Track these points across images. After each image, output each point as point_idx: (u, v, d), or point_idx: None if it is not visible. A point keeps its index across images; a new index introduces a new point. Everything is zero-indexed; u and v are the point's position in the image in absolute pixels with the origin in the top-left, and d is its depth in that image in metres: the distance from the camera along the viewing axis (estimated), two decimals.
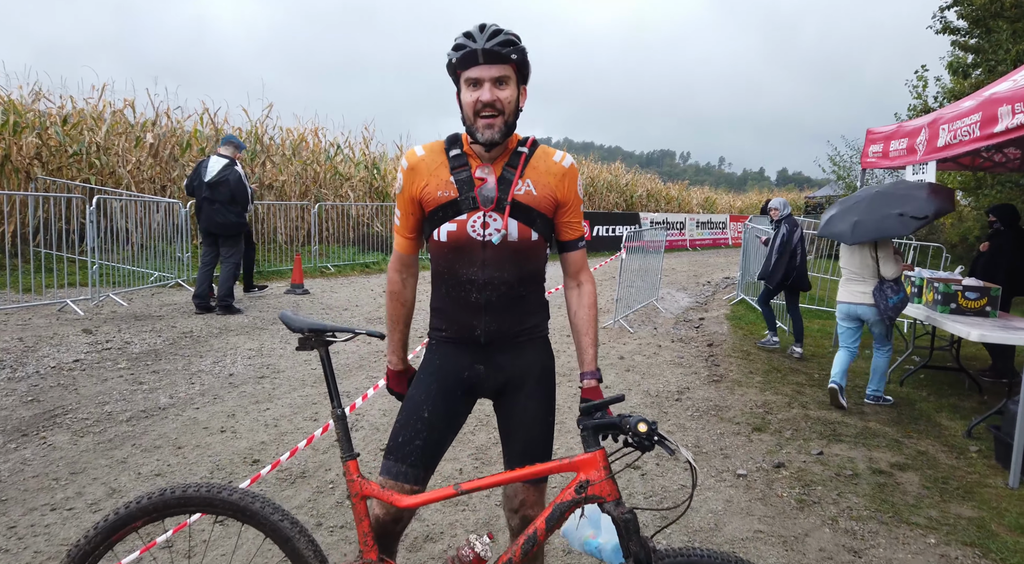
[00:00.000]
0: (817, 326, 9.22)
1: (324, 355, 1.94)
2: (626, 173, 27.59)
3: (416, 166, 2.08)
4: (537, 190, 2.04)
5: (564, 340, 7.53)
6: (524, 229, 2.03)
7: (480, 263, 2.02)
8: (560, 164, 2.11)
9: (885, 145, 7.11)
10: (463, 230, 2.01)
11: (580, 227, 2.19)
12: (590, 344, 2.09)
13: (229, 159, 7.46)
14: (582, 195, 2.21)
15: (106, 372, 5.23)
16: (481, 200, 2.00)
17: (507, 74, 1.93)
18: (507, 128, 1.98)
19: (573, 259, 2.19)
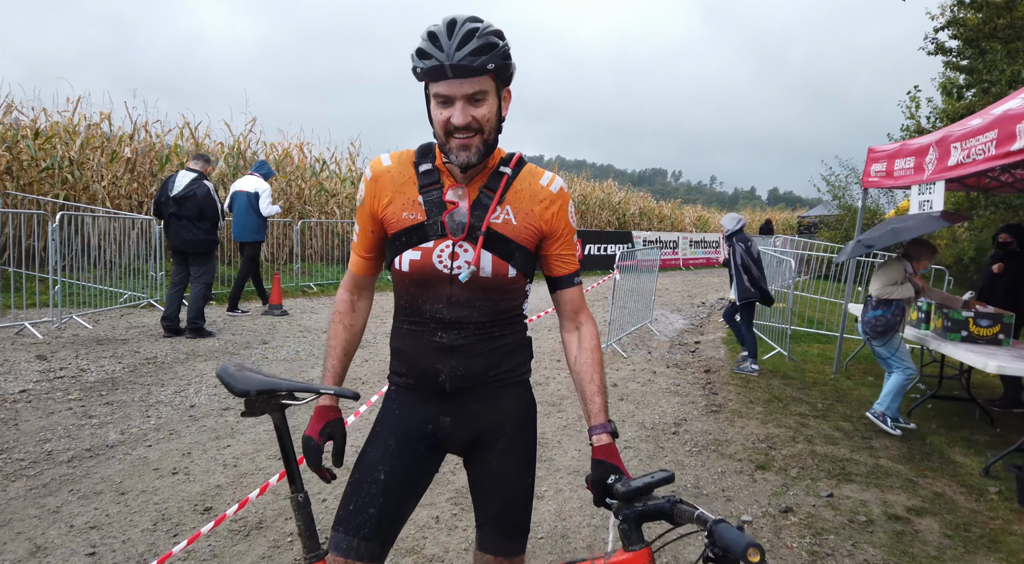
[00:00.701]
0: (817, 351, 8.88)
1: (279, 423, 1.56)
2: (618, 191, 27.40)
3: (380, 178, 1.78)
4: (518, 219, 1.73)
5: (555, 366, 7.16)
6: (499, 264, 1.72)
7: (446, 300, 1.72)
8: (547, 189, 1.79)
9: (888, 164, 6.82)
10: (428, 260, 1.71)
11: (574, 260, 1.85)
12: (596, 391, 1.74)
13: (198, 173, 7.08)
14: (575, 223, 1.87)
15: (54, 404, 4.81)
16: (450, 227, 1.70)
17: (484, 88, 1.59)
18: (487, 147, 1.66)
19: (568, 298, 1.86)
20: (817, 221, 27.40)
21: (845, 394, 6.66)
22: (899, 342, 5.53)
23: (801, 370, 7.65)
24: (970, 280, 16.33)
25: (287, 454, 1.55)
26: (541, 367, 7.13)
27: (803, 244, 15.02)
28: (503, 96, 1.70)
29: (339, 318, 1.86)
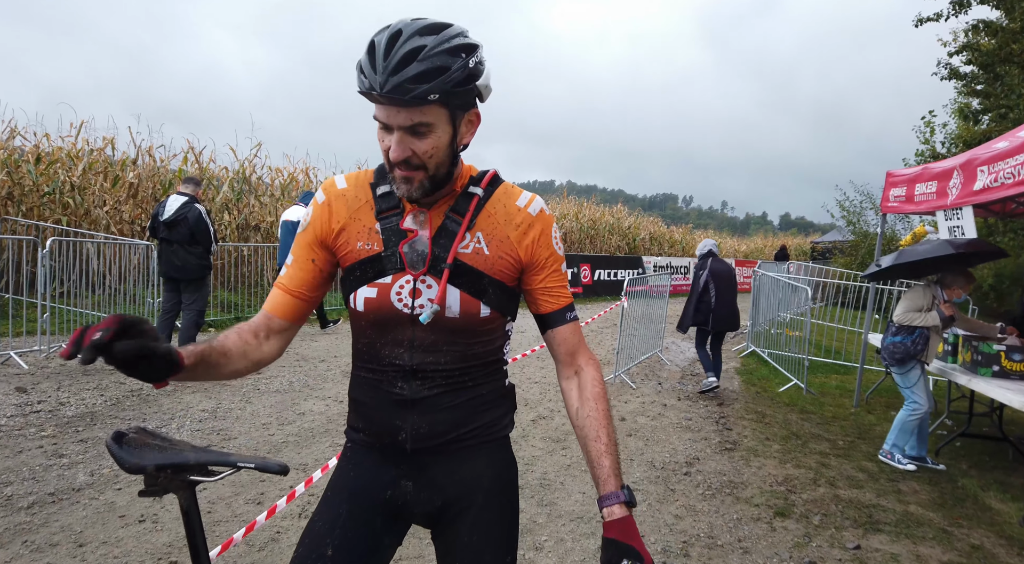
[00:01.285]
0: (835, 382, 8.49)
1: (187, 505, 1.28)
2: (628, 216, 27.15)
3: (334, 202, 1.54)
4: (491, 247, 1.49)
5: (559, 398, 6.83)
6: (469, 301, 1.47)
7: (407, 344, 1.47)
8: (525, 211, 1.53)
9: (909, 188, 6.52)
10: (385, 298, 1.47)
11: (564, 293, 1.58)
12: (605, 450, 1.44)
13: (189, 196, 6.87)
14: (561, 249, 1.59)
15: (26, 442, 4.53)
16: (409, 259, 1.46)
17: (427, 120, 1.33)
18: (433, 182, 1.42)
19: (561, 338, 1.57)
20: (831, 247, 27.00)
21: (867, 430, 6.29)
22: (918, 374, 5.21)
23: (819, 403, 7.28)
24: (989, 308, 15.86)
25: (195, 545, 1.25)
26: (545, 399, 6.81)
27: (818, 271, 14.66)
28: (462, 121, 1.42)
29: (236, 331, 1.48)
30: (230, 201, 13.02)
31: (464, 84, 1.33)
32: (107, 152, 11.90)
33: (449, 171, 1.44)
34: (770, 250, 37.13)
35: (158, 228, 6.86)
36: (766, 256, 35.07)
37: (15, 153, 10.55)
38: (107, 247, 9.33)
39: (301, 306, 1.56)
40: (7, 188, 9.98)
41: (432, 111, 1.33)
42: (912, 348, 5.20)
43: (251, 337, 1.48)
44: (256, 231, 13.37)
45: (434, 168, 1.39)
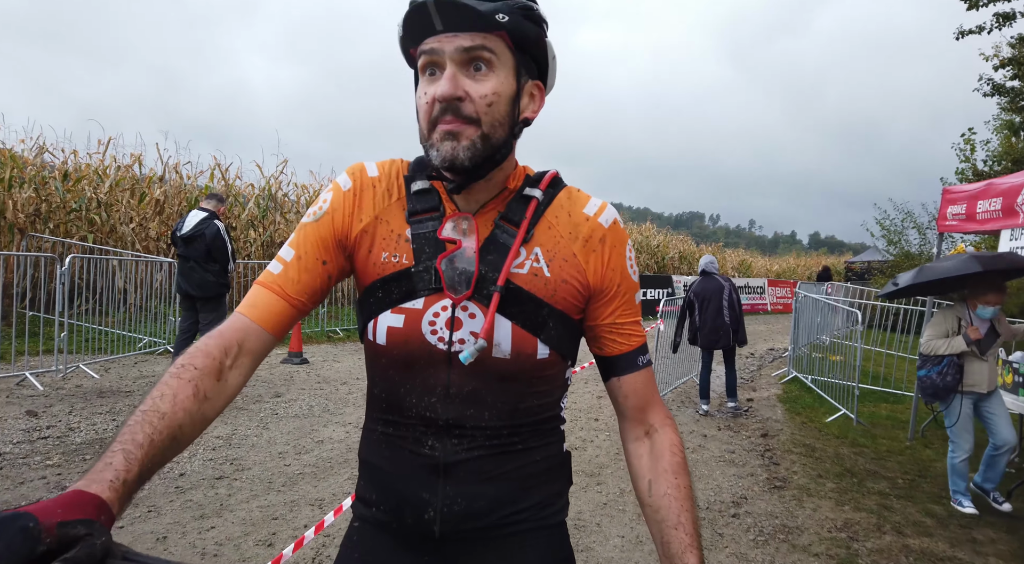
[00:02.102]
0: (886, 412, 7.97)
1: None
2: (657, 234, 26.72)
3: (362, 192, 1.20)
4: (552, 268, 1.14)
5: (592, 426, 6.44)
6: (524, 338, 1.12)
7: (442, 391, 1.12)
8: (595, 220, 1.19)
9: (969, 206, 6.07)
10: (415, 329, 1.12)
11: (638, 330, 1.23)
12: (690, 544, 1.07)
13: (209, 212, 6.67)
14: (637, 276, 1.24)
15: (28, 471, 4.28)
16: (448, 279, 1.11)
17: (487, 46, 1.05)
18: (487, 146, 1.07)
19: (631, 389, 1.22)
20: (867, 267, 26.21)
21: (927, 467, 5.79)
22: (956, 411, 4.68)
23: (871, 435, 6.78)
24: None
25: None
26: (576, 427, 6.43)
27: (858, 292, 14.07)
28: (526, 84, 1.12)
29: (188, 372, 1.00)
30: (256, 218, 12.91)
31: (533, 22, 1.08)
32: (135, 169, 11.89)
33: (503, 142, 1.10)
34: (803, 269, 36.30)
35: (176, 243, 6.69)
36: (798, 275, 34.27)
37: (44, 169, 10.54)
38: (130, 264, 9.21)
39: (293, 317, 1.15)
40: (35, 204, 9.95)
41: (495, 43, 1.05)
42: (940, 381, 4.69)
43: (209, 384, 1.02)
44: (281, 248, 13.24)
45: (489, 126, 1.06)
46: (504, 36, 1.06)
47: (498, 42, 1.05)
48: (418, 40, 1.06)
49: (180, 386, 0.98)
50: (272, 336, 1.13)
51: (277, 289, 1.14)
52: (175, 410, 0.95)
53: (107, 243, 10.55)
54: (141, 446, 0.88)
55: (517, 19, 1.04)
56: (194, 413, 0.97)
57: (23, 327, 7.69)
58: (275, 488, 4.35)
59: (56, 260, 7.02)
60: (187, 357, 1.04)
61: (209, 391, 1.01)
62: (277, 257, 1.20)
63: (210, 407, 1.02)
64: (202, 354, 1.04)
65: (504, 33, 1.05)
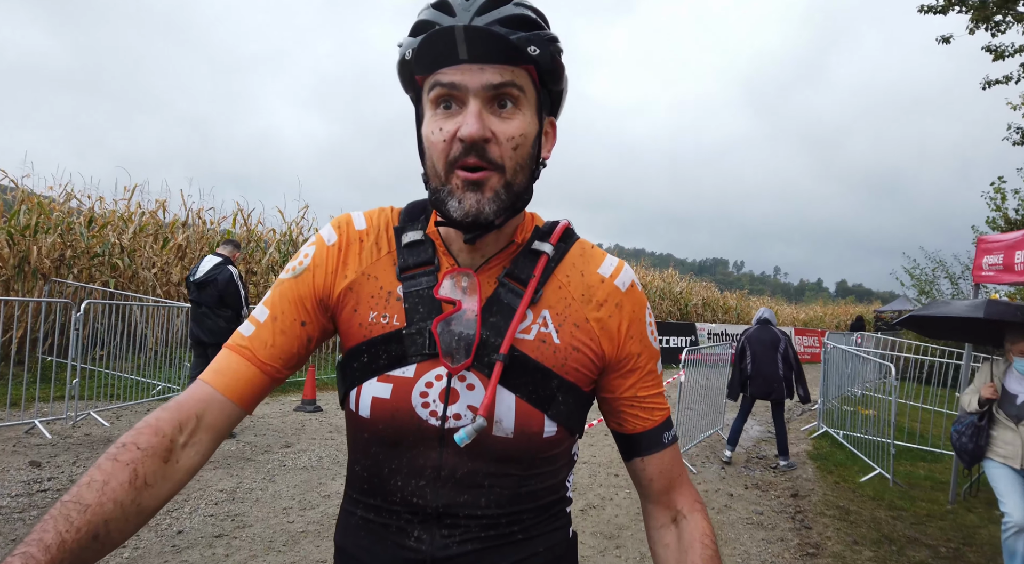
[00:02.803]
0: (923, 471, 7.55)
1: None
2: (680, 280, 26.41)
3: (347, 247, 1.08)
4: (562, 334, 1.01)
5: (612, 482, 6.15)
6: (529, 414, 0.98)
7: (432, 474, 0.99)
8: (610, 284, 1.06)
9: (1007, 256, 5.81)
10: (403, 401, 0.98)
11: (661, 403, 1.09)
12: None
13: (223, 258, 6.66)
14: (656, 341, 1.09)
15: (23, 528, 4.08)
16: (444, 345, 0.97)
17: (516, 82, 0.94)
18: (511, 196, 0.96)
19: (657, 470, 1.08)
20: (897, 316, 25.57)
21: (972, 534, 5.40)
22: (993, 475, 4.26)
23: (909, 497, 6.39)
24: None
25: None
26: (595, 484, 6.14)
27: (889, 343, 13.62)
28: (545, 126, 1.01)
29: (128, 454, 0.86)
30: (276, 263, 12.97)
31: (554, 54, 0.97)
32: (159, 215, 12.05)
33: (525, 189, 0.99)
34: (830, 318, 35.58)
35: (190, 289, 6.67)
36: (826, 324, 33.58)
37: (70, 215, 10.72)
38: (149, 309, 9.22)
39: (265, 386, 1.02)
40: (60, 250, 10.07)
41: (523, 79, 0.95)
42: (958, 441, 4.41)
43: (153, 466, 0.87)
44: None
45: (512, 172, 0.95)
46: (532, 70, 0.95)
47: (525, 77, 0.95)
48: (432, 68, 0.93)
49: (114, 471, 0.84)
50: (239, 408, 1.00)
51: (247, 354, 1.01)
52: (102, 501, 0.81)
53: (128, 288, 10.61)
54: (48, 549, 0.75)
55: (547, 52, 0.94)
56: (127, 505, 0.83)
57: (41, 372, 7.67)
58: (276, 547, 4.14)
59: (72, 306, 7.02)
60: (132, 434, 0.91)
61: (151, 476, 0.87)
62: (250, 317, 1.07)
63: (151, 496, 0.87)
64: (150, 431, 0.90)
65: (532, 67, 0.95)
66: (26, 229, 9.71)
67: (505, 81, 0.92)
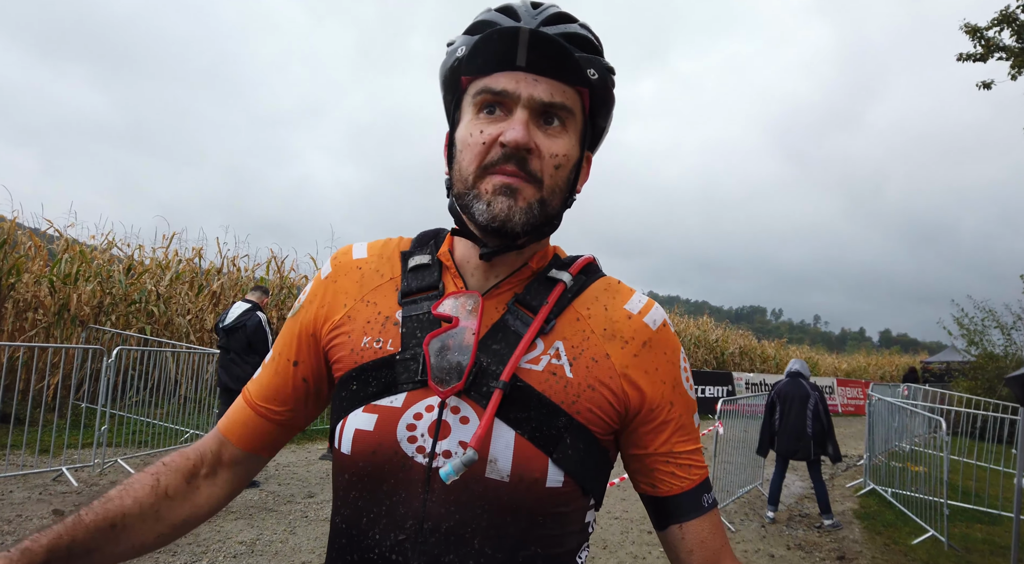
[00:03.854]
0: (981, 534, 7.05)
1: None
2: (715, 328, 25.88)
3: (343, 277, 1.02)
4: (577, 368, 0.90)
5: (645, 540, 5.85)
6: (530, 454, 0.86)
7: (414, 527, 0.85)
8: (639, 320, 0.96)
9: None
10: (388, 434, 0.88)
11: (699, 461, 0.96)
12: None
13: (252, 304, 6.72)
14: (692, 390, 0.98)
15: None
16: (434, 366, 0.87)
17: (566, 104, 0.89)
18: (541, 213, 0.90)
19: (698, 539, 0.94)
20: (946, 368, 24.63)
21: None
22: None
23: (966, 563, 5.95)
24: None
25: None
26: (627, 541, 5.86)
27: (939, 396, 13.03)
28: (585, 157, 0.98)
29: (155, 467, 0.97)
30: None
31: (611, 93, 0.95)
32: (195, 262, 12.30)
33: (558, 215, 0.94)
34: (874, 369, 34.43)
35: (219, 335, 6.71)
36: (870, 375, 32.48)
37: (110, 263, 11.00)
38: (183, 356, 9.30)
39: (265, 428, 1.00)
40: (98, 298, 10.30)
41: (575, 101, 0.91)
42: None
43: (176, 482, 0.95)
44: None
45: (550, 191, 0.90)
46: (584, 95, 0.91)
47: (576, 101, 0.92)
48: (485, 71, 0.89)
49: (139, 477, 0.95)
50: (243, 451, 1.00)
51: (246, 395, 1.02)
52: (122, 496, 0.91)
53: (163, 334, 10.77)
54: (64, 523, 0.85)
55: (604, 79, 0.92)
56: (146, 506, 0.91)
57: (75, 419, 7.74)
58: None
59: (104, 353, 7.10)
60: (164, 458, 0.99)
61: (172, 489, 0.94)
62: (264, 363, 1.07)
63: (170, 509, 0.94)
64: (178, 454, 0.99)
65: (586, 91, 0.91)
66: (67, 277, 9.97)
67: (556, 101, 0.88)
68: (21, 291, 9.54)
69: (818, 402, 7.02)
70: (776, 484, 7.10)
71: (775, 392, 7.31)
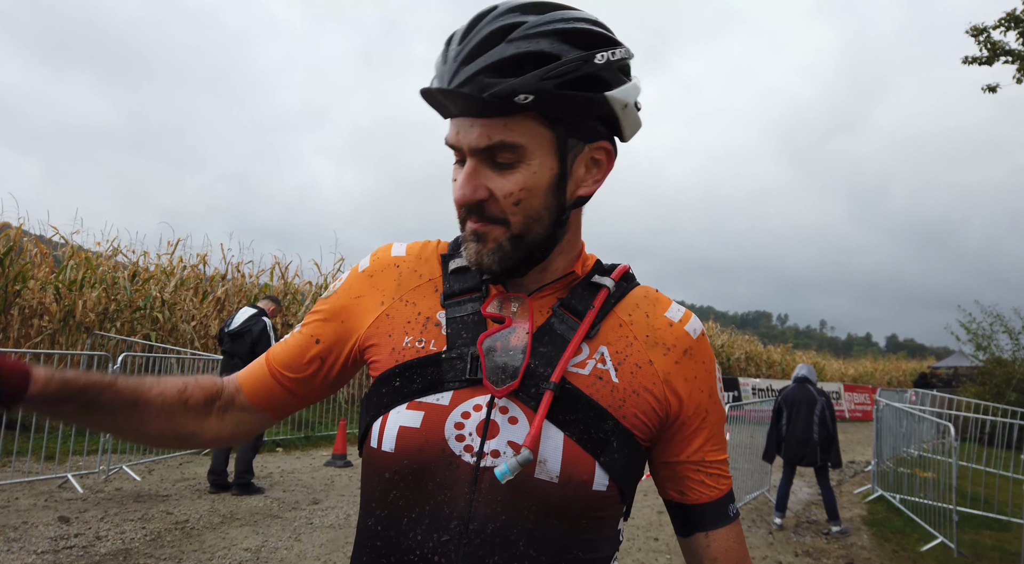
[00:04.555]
0: (990, 540, 6.99)
1: None
2: (721, 333, 25.80)
3: (380, 273, 1.03)
4: (622, 372, 0.91)
5: (650, 546, 5.81)
6: (579, 457, 0.86)
7: (458, 528, 0.84)
8: (680, 329, 0.96)
9: None
10: (436, 432, 0.87)
11: (727, 471, 0.98)
12: None
13: (259, 310, 6.74)
14: (726, 400, 1.04)
15: None
16: (489, 366, 0.88)
17: (511, 141, 0.84)
18: (518, 247, 0.89)
19: (722, 548, 0.95)
20: (953, 373, 24.50)
21: None
22: None
23: None
24: None
25: None
26: (632, 548, 5.82)
27: (947, 401, 12.94)
28: (579, 156, 0.90)
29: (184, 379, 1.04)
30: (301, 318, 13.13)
31: (581, 86, 0.84)
32: (200, 268, 12.33)
33: (548, 239, 0.91)
34: (882, 374, 34.26)
35: (223, 340, 6.71)
36: (877, 381, 32.32)
37: (115, 270, 11.03)
38: (186, 362, 9.31)
39: (275, 390, 1.04)
40: (104, 304, 10.32)
41: (523, 126, 0.85)
42: None
43: (198, 396, 1.01)
44: None
45: (521, 226, 0.88)
46: (533, 114, 0.85)
47: (527, 123, 0.85)
48: (444, 117, 0.91)
49: (172, 379, 1.02)
50: (251, 404, 1.04)
51: (268, 356, 1.06)
52: (153, 386, 0.98)
53: (168, 341, 10.78)
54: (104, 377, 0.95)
55: (549, 92, 0.81)
56: (167, 402, 0.98)
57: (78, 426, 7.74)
58: None
59: (109, 359, 7.12)
60: (175, 378, 1.05)
61: (193, 401, 1.00)
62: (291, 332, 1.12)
63: (183, 415, 1.00)
64: (206, 378, 1.06)
65: (535, 111, 0.84)
66: (73, 284, 10.00)
67: (495, 141, 0.84)
68: (27, 298, 9.58)
69: (825, 407, 6.98)
70: (783, 490, 7.06)
71: (782, 397, 7.26)
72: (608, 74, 0.86)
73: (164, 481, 6.91)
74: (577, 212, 0.96)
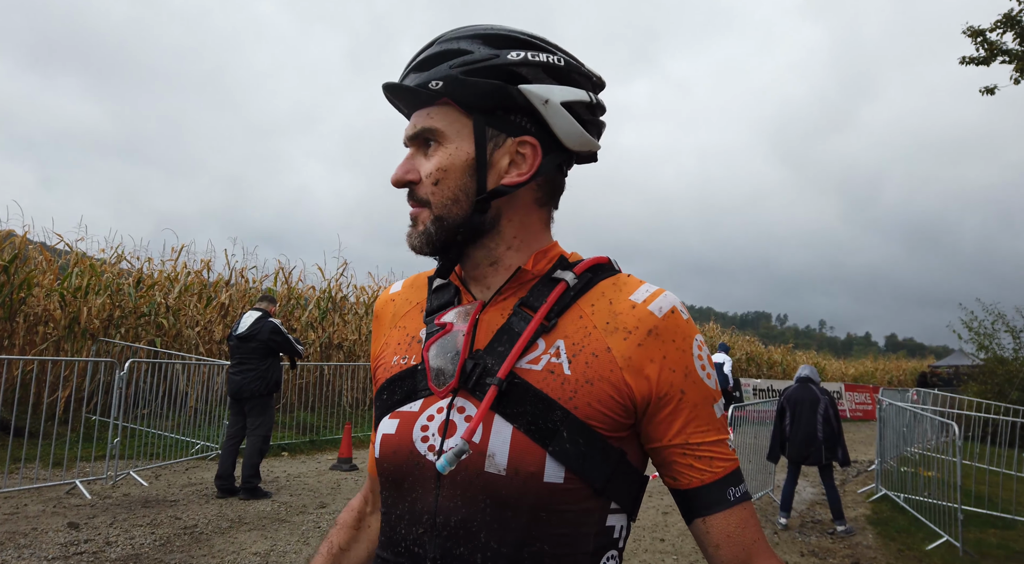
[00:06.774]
0: (995, 539, 7.01)
1: None
2: (722, 334, 25.85)
3: (382, 314, 1.16)
4: (575, 364, 0.90)
5: (657, 547, 5.83)
6: (525, 447, 0.88)
7: (429, 520, 0.91)
8: (642, 309, 0.93)
9: None
10: (405, 436, 0.95)
11: (722, 452, 0.93)
12: None
13: (263, 312, 6.83)
14: (713, 381, 0.95)
15: None
16: (433, 370, 0.95)
17: (432, 125, 0.96)
18: (439, 229, 0.97)
19: (723, 533, 0.91)
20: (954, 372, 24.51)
21: None
22: None
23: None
24: None
25: None
26: (639, 549, 5.85)
27: (948, 400, 12.97)
28: (501, 144, 0.95)
29: (331, 534, 1.17)
30: (315, 320, 13.13)
31: (490, 76, 0.93)
32: (204, 274, 12.37)
33: (467, 221, 0.96)
34: (882, 374, 34.30)
35: (232, 344, 6.79)
36: (878, 380, 32.35)
37: (120, 276, 11.06)
38: (192, 368, 9.34)
39: None
40: (108, 311, 10.36)
41: (442, 114, 0.96)
42: None
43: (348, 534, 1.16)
44: (339, 350, 13.32)
45: (440, 207, 0.96)
46: (447, 101, 0.95)
47: (446, 111, 0.96)
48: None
49: (320, 549, 1.16)
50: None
51: (374, 432, 1.08)
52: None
53: (172, 346, 10.81)
54: None
55: (456, 78, 0.92)
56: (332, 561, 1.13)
57: (87, 431, 7.78)
58: None
59: (116, 365, 7.14)
60: (342, 513, 1.21)
61: (345, 542, 1.14)
62: None
63: (348, 558, 1.13)
64: (344, 509, 1.20)
65: (448, 98, 0.95)
66: (77, 290, 10.03)
67: (419, 128, 0.97)
68: (32, 305, 9.61)
69: (828, 406, 7.02)
70: (788, 490, 7.08)
71: (785, 397, 7.29)
72: (526, 71, 0.95)
73: (171, 486, 6.94)
74: (525, 206, 1.00)
